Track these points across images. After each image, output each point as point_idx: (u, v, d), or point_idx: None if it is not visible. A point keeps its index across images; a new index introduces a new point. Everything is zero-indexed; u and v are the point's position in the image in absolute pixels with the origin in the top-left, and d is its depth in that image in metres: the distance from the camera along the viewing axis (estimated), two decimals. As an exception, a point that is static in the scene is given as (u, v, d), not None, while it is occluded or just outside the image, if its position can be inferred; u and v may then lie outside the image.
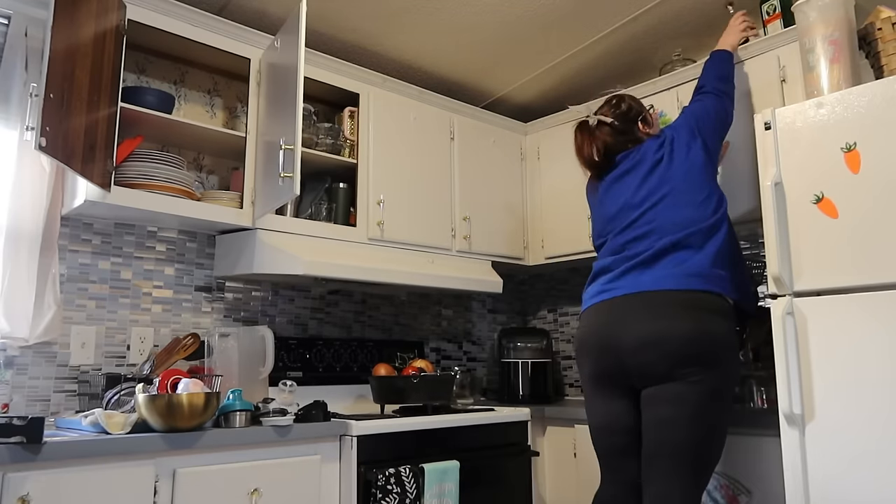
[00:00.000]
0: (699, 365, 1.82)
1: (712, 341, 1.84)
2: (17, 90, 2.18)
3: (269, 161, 2.28)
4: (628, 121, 2.19)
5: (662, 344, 1.84)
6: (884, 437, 1.69)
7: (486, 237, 3.07)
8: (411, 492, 2.18)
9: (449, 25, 2.76)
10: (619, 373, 1.94)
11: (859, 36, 2.09)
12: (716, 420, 1.84)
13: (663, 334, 1.84)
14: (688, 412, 1.81)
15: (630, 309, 1.92)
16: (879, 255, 1.75)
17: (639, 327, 1.88)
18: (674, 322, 1.84)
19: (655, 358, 1.85)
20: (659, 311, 1.87)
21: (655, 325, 1.86)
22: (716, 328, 1.85)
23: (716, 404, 1.83)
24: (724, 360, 1.85)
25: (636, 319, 1.89)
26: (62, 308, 2.22)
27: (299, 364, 2.70)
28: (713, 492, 2.16)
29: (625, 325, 1.91)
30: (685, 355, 1.82)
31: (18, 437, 1.57)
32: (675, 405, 1.83)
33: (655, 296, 1.90)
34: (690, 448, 1.81)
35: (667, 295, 1.89)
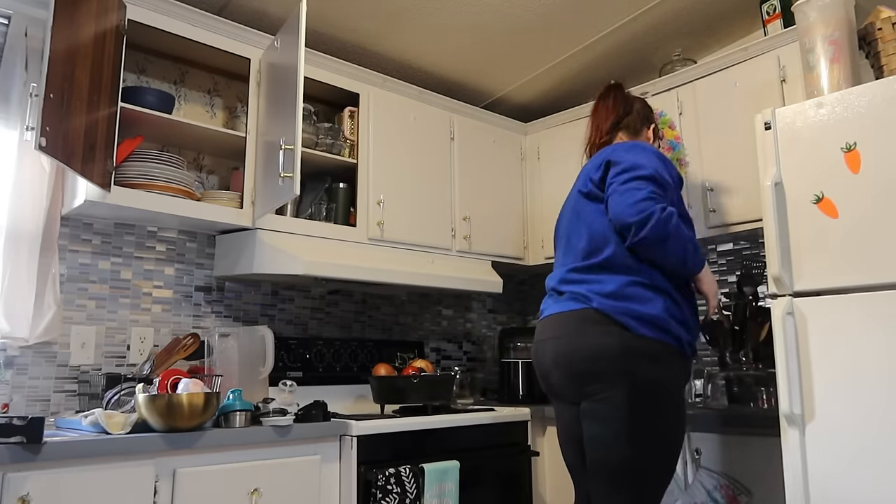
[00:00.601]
0: (598, 382, 1.80)
1: (601, 356, 1.79)
2: (17, 90, 2.18)
3: (269, 161, 2.28)
4: (644, 117, 2.16)
5: (564, 363, 1.87)
6: (884, 436, 1.69)
7: (486, 237, 3.07)
8: (411, 492, 2.18)
9: (449, 25, 2.76)
10: (552, 389, 1.99)
11: (859, 36, 2.09)
12: (647, 435, 1.76)
13: (562, 354, 1.87)
14: (610, 431, 1.78)
15: (549, 329, 1.96)
16: (879, 255, 1.75)
17: (554, 348, 1.91)
18: (568, 340, 1.86)
19: (562, 377, 1.89)
20: (559, 330, 1.90)
21: (556, 346, 1.90)
22: (601, 342, 1.79)
23: (636, 419, 1.76)
24: (625, 374, 1.76)
25: (551, 340, 1.93)
26: (62, 308, 2.22)
27: (299, 364, 2.70)
28: (713, 492, 2.16)
29: (545, 345, 1.95)
30: (580, 372, 1.83)
31: (18, 437, 1.57)
32: (596, 424, 1.82)
33: (560, 317, 1.92)
34: (624, 465, 1.76)
35: (565, 316, 1.90)
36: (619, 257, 1.86)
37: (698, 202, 2.62)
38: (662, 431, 1.79)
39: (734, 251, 2.86)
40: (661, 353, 1.80)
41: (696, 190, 2.63)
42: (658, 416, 1.78)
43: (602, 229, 1.90)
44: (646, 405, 1.77)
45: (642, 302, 1.82)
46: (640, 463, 1.76)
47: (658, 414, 1.78)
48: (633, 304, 1.81)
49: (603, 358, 1.79)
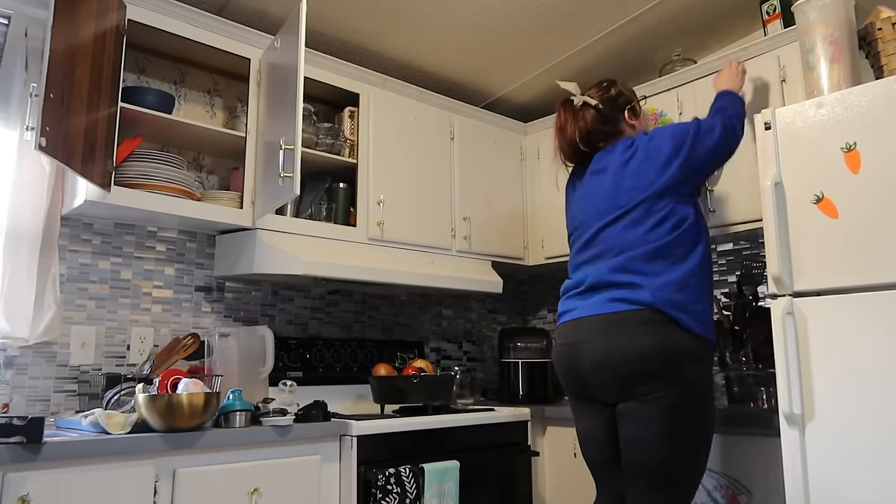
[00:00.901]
0: (649, 382, 1.80)
1: (656, 357, 1.80)
2: (17, 90, 2.18)
3: (269, 161, 2.28)
4: (615, 108, 2.09)
5: (612, 365, 1.84)
6: (884, 436, 1.69)
7: (486, 237, 3.07)
8: (411, 492, 2.18)
9: (449, 25, 2.76)
10: (587, 392, 1.96)
11: (859, 36, 2.09)
12: (684, 434, 1.80)
13: (612, 355, 1.84)
14: (653, 430, 1.79)
15: (586, 331, 1.92)
16: (879, 255, 1.75)
17: (593, 349, 1.88)
18: (620, 342, 1.84)
19: (608, 379, 1.86)
20: (607, 331, 1.87)
21: (606, 346, 1.86)
22: (668, 343, 1.81)
23: (679, 419, 1.79)
24: (677, 376, 1.80)
25: (591, 341, 1.90)
26: (62, 308, 2.22)
27: (299, 364, 2.70)
28: (713, 492, 2.16)
29: (582, 347, 1.92)
30: (632, 373, 1.81)
31: (18, 437, 1.57)
32: (639, 424, 1.82)
33: (606, 318, 1.89)
34: (662, 466, 1.79)
35: (615, 317, 1.87)
36: (672, 245, 1.89)
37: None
38: (702, 431, 1.84)
39: (734, 251, 2.86)
40: (703, 353, 1.86)
41: (696, 190, 2.63)
42: (698, 416, 1.83)
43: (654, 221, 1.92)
44: (688, 405, 1.81)
45: (694, 296, 1.87)
46: (679, 462, 1.80)
47: (698, 414, 1.83)
48: (687, 298, 1.86)
49: (655, 359, 1.80)
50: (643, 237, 1.91)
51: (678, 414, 1.79)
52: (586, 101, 2.10)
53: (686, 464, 1.81)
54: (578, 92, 2.14)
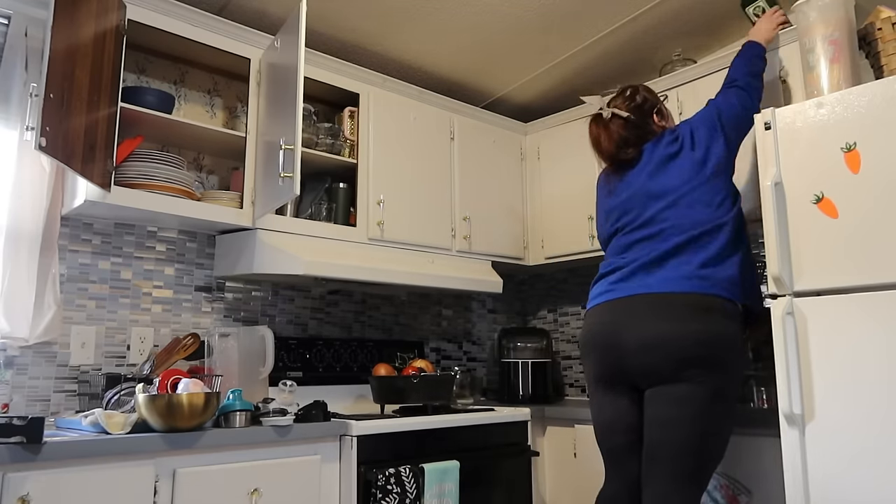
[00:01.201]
0: (703, 367, 1.82)
1: (716, 343, 1.83)
2: (17, 90, 2.18)
3: (269, 161, 2.28)
4: (643, 114, 2.16)
5: (666, 346, 1.84)
6: (884, 436, 1.69)
7: (486, 237, 3.07)
8: (411, 492, 2.18)
9: (449, 25, 2.76)
10: (622, 373, 1.94)
11: (859, 36, 2.09)
12: (718, 421, 1.84)
13: (667, 336, 1.84)
14: (690, 413, 1.81)
15: (634, 310, 1.92)
16: (879, 255, 1.75)
17: (643, 328, 1.88)
18: (678, 324, 1.84)
19: (659, 359, 1.85)
20: (663, 312, 1.87)
21: (659, 327, 1.86)
22: (720, 330, 1.85)
23: (719, 406, 1.83)
24: (729, 362, 1.84)
25: (640, 321, 1.89)
26: (62, 308, 2.22)
27: (299, 364, 2.70)
28: (713, 492, 2.16)
29: (628, 326, 1.91)
30: (689, 357, 1.82)
31: (18, 437, 1.57)
32: (678, 406, 1.83)
33: (660, 298, 1.90)
34: (691, 449, 1.81)
35: (671, 297, 1.88)
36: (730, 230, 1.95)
37: (698, 202, 2.61)
38: (727, 421, 1.88)
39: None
40: (740, 341, 1.91)
41: (696, 190, 2.63)
42: (732, 405, 1.88)
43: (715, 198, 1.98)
44: (730, 393, 1.86)
45: (748, 284, 1.97)
46: (705, 449, 1.83)
47: (732, 403, 1.88)
48: (745, 286, 1.95)
49: (713, 345, 1.83)
50: (707, 214, 1.96)
51: (720, 400, 1.83)
52: (615, 112, 2.15)
53: (711, 452, 1.84)
54: (604, 104, 2.18)
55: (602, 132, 2.16)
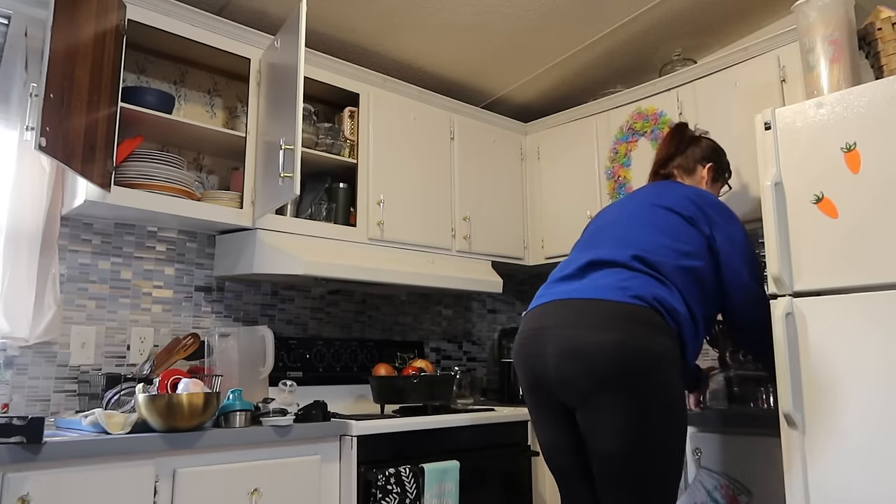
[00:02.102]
0: (623, 383, 1.64)
1: (638, 358, 1.65)
2: (17, 90, 2.18)
3: (269, 161, 2.28)
4: (707, 158, 2.19)
5: (585, 358, 1.65)
6: (884, 436, 1.69)
7: (486, 237, 3.07)
8: (411, 492, 2.18)
9: (449, 25, 2.76)
10: (547, 389, 1.75)
11: (859, 36, 2.09)
12: (655, 443, 1.66)
13: (587, 347, 1.66)
14: (620, 441, 1.64)
15: (555, 316, 1.74)
16: (879, 255, 1.75)
17: (561, 336, 1.70)
18: (598, 333, 1.66)
19: (578, 373, 1.67)
20: (584, 320, 1.69)
21: (579, 336, 1.68)
22: (645, 343, 1.67)
23: (649, 426, 1.65)
24: (657, 377, 1.67)
25: (559, 328, 1.71)
26: (62, 308, 2.22)
27: (299, 364, 2.70)
28: (713, 492, 2.16)
29: (548, 334, 1.73)
30: (608, 372, 1.64)
31: (18, 437, 1.57)
32: (606, 431, 1.65)
33: (585, 304, 1.72)
34: (633, 479, 1.66)
35: (598, 304, 1.70)
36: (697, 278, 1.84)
37: (698, 202, 2.62)
38: (668, 439, 1.71)
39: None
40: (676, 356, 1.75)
41: (696, 190, 2.63)
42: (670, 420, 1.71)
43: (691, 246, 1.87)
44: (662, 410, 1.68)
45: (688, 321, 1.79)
46: (653, 474, 1.68)
47: (670, 418, 1.71)
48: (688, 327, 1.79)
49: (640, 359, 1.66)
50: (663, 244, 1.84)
51: (649, 419, 1.66)
52: (701, 135, 2.25)
53: (659, 475, 1.68)
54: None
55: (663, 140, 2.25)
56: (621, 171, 2.91)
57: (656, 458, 1.68)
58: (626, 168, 2.89)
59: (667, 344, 1.71)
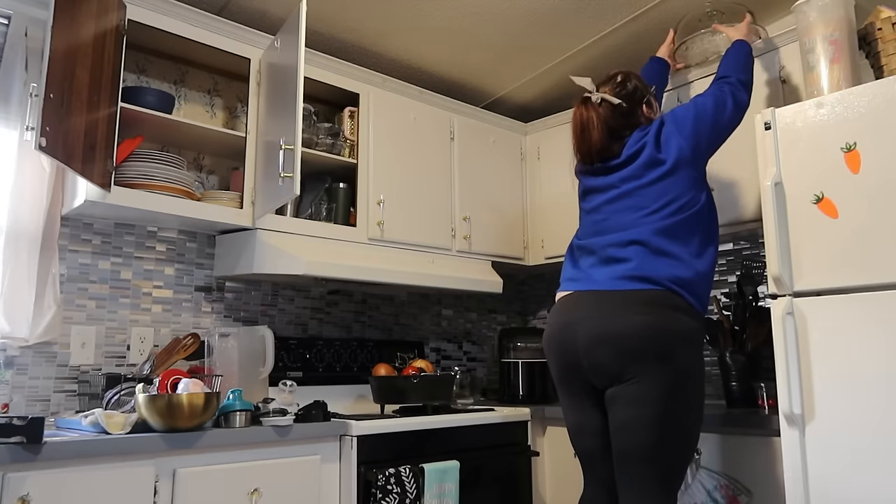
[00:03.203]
0: (653, 363, 1.77)
1: (665, 337, 1.78)
2: (17, 90, 2.18)
3: (269, 161, 2.28)
4: (634, 102, 2.05)
5: (613, 341, 1.80)
6: (884, 436, 1.69)
7: (486, 237, 3.07)
8: (411, 492, 2.18)
9: (449, 25, 2.76)
10: (579, 372, 1.90)
11: (859, 36, 2.09)
12: (678, 420, 1.78)
13: (613, 331, 1.81)
14: (647, 414, 1.76)
15: (584, 306, 1.90)
16: (879, 255, 1.75)
17: (590, 325, 1.85)
18: (622, 319, 1.81)
19: (607, 356, 1.81)
20: (608, 307, 1.85)
21: (605, 322, 1.83)
22: (669, 323, 1.80)
23: (676, 404, 1.77)
24: (681, 356, 1.79)
25: (588, 317, 1.86)
26: (62, 308, 2.22)
27: (299, 364, 2.70)
28: (713, 492, 2.16)
29: (579, 323, 1.88)
30: (637, 352, 1.78)
31: (18, 437, 1.57)
32: (633, 407, 1.78)
33: (607, 294, 1.88)
34: (652, 455, 1.76)
35: (617, 294, 1.86)
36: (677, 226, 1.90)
37: (698, 202, 2.62)
38: (689, 419, 1.82)
39: (734, 251, 2.86)
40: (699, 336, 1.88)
41: (696, 190, 2.63)
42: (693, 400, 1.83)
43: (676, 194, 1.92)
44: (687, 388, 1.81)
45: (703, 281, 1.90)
46: (669, 450, 1.78)
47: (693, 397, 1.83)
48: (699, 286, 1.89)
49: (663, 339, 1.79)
50: (647, 218, 1.92)
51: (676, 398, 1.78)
52: (607, 99, 2.03)
53: (676, 452, 1.79)
54: (593, 88, 2.08)
55: (591, 118, 2.03)
56: (621, 171, 2.90)
57: (674, 433, 1.78)
58: (626, 168, 2.89)
59: (690, 324, 1.83)
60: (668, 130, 1.99)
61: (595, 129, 2.02)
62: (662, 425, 1.76)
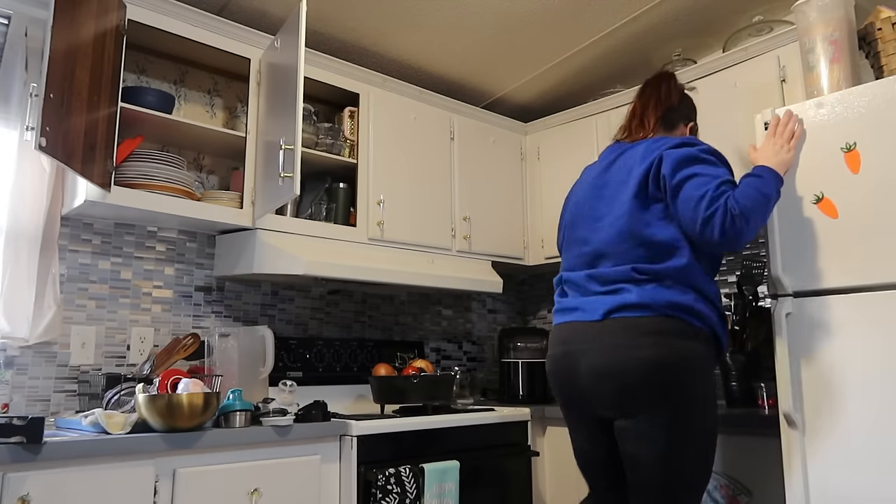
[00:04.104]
0: (656, 399, 1.68)
1: (666, 372, 1.68)
2: (17, 90, 2.18)
3: (269, 161, 2.28)
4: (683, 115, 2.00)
5: (618, 376, 1.71)
6: (884, 436, 1.69)
7: (486, 237, 3.07)
8: (411, 492, 2.18)
9: (449, 25, 2.76)
10: (583, 404, 1.83)
11: (859, 36, 2.09)
12: (688, 451, 1.70)
13: (617, 366, 1.71)
14: (655, 451, 1.68)
15: (586, 337, 1.78)
16: (879, 255, 1.75)
17: (589, 357, 1.76)
18: (626, 351, 1.70)
19: (613, 391, 1.72)
20: (610, 339, 1.73)
21: (608, 356, 1.72)
22: (676, 354, 1.69)
23: (685, 438, 1.69)
24: (685, 389, 1.69)
25: (586, 350, 1.77)
26: (62, 308, 2.22)
27: (299, 364, 2.70)
28: (713, 492, 2.16)
29: (577, 356, 1.79)
30: (638, 389, 1.69)
31: (18, 437, 1.57)
32: (640, 443, 1.70)
33: (609, 324, 1.75)
34: (665, 486, 1.70)
35: (621, 322, 1.73)
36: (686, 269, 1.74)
37: (698, 202, 2.61)
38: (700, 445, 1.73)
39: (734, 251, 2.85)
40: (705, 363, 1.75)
41: (696, 190, 2.63)
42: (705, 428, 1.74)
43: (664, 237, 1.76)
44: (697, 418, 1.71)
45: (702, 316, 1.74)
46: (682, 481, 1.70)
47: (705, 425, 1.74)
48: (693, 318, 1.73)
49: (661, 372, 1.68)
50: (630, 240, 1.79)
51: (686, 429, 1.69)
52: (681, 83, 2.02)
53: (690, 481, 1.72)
54: None
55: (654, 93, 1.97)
56: (621, 171, 2.90)
57: (687, 464, 1.71)
58: (626, 168, 2.88)
59: (697, 349, 1.71)
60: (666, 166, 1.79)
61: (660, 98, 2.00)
62: (672, 461, 1.69)
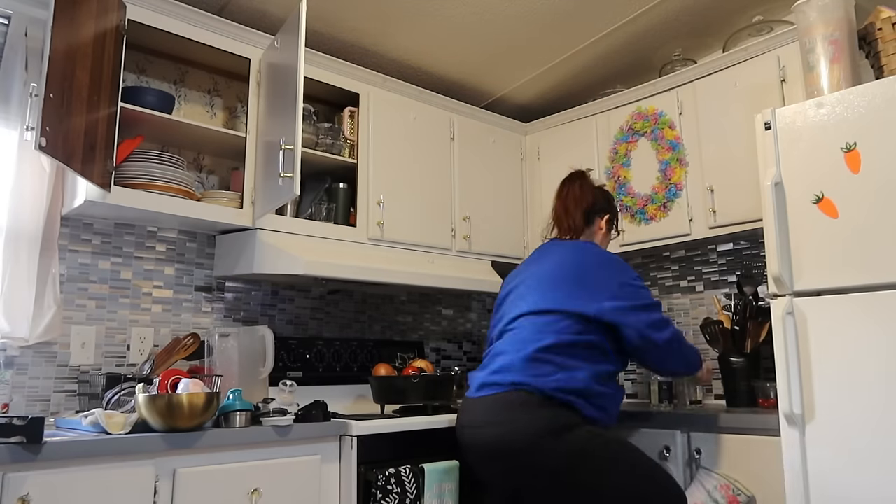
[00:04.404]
0: (540, 471, 1.84)
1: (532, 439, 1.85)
2: (17, 90, 2.18)
3: (269, 161, 2.28)
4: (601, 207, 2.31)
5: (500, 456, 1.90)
6: (884, 436, 1.69)
7: (486, 237, 3.07)
8: (411, 492, 2.18)
9: (449, 25, 2.76)
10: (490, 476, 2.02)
11: (859, 36, 2.10)
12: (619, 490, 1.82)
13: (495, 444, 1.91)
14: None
15: (470, 414, 2.03)
16: (879, 255, 1.75)
17: (477, 437, 1.98)
18: (496, 429, 1.90)
19: (503, 469, 1.93)
20: (487, 416, 1.95)
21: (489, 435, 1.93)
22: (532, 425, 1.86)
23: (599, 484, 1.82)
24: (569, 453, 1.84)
25: (474, 427, 1.99)
26: (62, 308, 2.22)
27: (299, 364, 2.69)
28: (713, 492, 2.16)
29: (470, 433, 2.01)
30: (523, 463, 1.86)
31: (18, 437, 1.57)
32: None
33: (487, 399, 1.97)
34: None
35: (496, 398, 1.94)
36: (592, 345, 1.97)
37: (699, 202, 2.62)
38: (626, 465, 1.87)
39: (734, 251, 2.86)
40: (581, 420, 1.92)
41: (696, 190, 2.63)
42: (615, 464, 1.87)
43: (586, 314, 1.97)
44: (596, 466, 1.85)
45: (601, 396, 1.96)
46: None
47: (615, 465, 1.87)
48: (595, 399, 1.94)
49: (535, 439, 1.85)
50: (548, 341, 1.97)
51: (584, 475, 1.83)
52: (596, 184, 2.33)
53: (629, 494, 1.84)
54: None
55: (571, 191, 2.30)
56: (621, 171, 2.91)
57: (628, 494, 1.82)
58: (626, 168, 2.89)
59: (564, 415, 1.88)
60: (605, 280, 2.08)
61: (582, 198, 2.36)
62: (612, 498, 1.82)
